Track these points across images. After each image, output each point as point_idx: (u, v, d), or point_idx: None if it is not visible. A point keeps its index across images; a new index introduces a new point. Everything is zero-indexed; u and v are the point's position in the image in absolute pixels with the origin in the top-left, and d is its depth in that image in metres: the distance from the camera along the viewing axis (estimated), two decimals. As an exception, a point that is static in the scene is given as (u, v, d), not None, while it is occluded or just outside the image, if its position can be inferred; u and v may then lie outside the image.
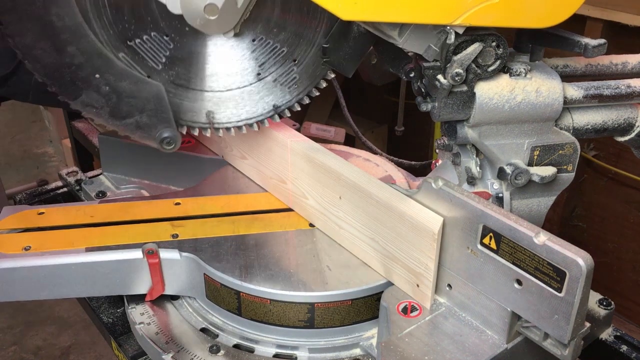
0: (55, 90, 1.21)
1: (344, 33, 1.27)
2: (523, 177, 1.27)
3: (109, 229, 1.38)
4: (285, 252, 1.33)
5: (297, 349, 1.25)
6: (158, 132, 1.28)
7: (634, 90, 1.31)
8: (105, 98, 1.23)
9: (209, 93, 1.34)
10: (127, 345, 1.36)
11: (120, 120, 1.26)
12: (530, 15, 1.12)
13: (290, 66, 1.34)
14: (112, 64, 1.22)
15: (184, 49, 1.29)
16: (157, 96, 1.26)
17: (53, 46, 1.17)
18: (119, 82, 1.23)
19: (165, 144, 1.28)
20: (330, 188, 1.31)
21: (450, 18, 1.11)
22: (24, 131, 5.22)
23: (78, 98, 1.22)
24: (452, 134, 1.29)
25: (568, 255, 0.93)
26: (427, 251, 1.13)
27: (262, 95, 1.36)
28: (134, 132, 1.28)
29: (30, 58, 1.17)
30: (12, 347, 3.19)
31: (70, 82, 1.21)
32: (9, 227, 1.38)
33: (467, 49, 1.17)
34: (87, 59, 1.20)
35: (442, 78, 1.20)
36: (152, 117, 1.27)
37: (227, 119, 1.36)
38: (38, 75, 1.19)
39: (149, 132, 1.28)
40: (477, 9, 1.10)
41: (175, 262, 1.30)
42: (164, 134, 1.28)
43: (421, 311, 1.17)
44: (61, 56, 1.18)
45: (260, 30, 1.30)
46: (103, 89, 1.23)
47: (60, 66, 1.19)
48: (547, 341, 1.04)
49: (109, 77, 1.22)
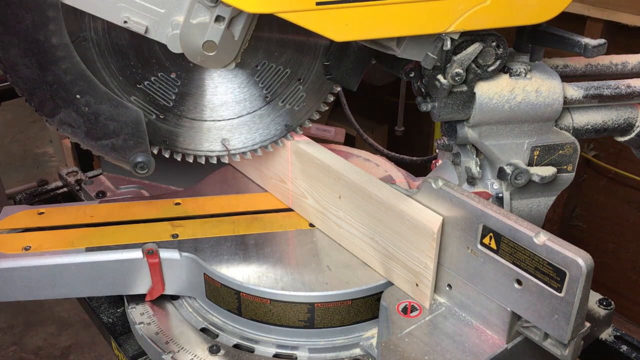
0: (34, 106, 1.22)
1: (343, 49, 1.28)
2: (523, 177, 1.27)
3: (109, 229, 1.38)
4: (286, 252, 1.33)
5: (297, 349, 1.25)
6: (132, 156, 1.30)
7: (634, 90, 1.31)
8: (83, 118, 1.25)
9: (221, 122, 1.38)
10: (127, 345, 1.36)
11: (96, 141, 1.27)
12: (523, 13, 1.13)
13: (296, 85, 1.37)
14: (94, 86, 1.23)
15: (191, 84, 1.33)
16: (135, 121, 1.27)
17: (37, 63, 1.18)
18: (99, 104, 1.24)
19: (139, 168, 1.30)
20: (330, 188, 1.31)
21: (443, 26, 1.12)
22: (24, 131, 5.22)
23: (56, 116, 1.23)
24: (452, 134, 1.29)
25: (568, 255, 0.93)
26: (426, 250, 1.13)
27: (273, 117, 1.39)
28: (108, 154, 1.30)
29: (12, 72, 1.17)
30: (12, 347, 3.19)
31: (50, 99, 1.22)
32: (9, 227, 1.38)
33: (467, 49, 1.17)
34: (72, 80, 1.21)
35: (442, 78, 1.20)
36: (129, 141, 1.28)
37: (243, 144, 1.40)
38: (18, 89, 1.20)
39: (124, 155, 1.30)
40: (468, 14, 1.11)
41: (175, 262, 1.30)
42: (137, 159, 1.29)
43: (421, 311, 1.17)
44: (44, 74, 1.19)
45: (261, 56, 1.33)
46: (82, 109, 1.24)
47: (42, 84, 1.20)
48: (547, 341, 1.04)
49: (90, 98, 1.23)
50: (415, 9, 1.09)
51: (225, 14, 1.16)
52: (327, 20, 1.09)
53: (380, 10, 1.09)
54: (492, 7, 1.10)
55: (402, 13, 1.10)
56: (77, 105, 1.23)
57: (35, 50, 1.16)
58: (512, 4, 1.11)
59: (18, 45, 1.15)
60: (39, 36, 1.15)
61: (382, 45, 1.18)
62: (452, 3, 1.09)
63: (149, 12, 1.16)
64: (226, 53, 1.21)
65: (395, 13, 1.10)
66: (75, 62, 1.19)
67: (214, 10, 1.15)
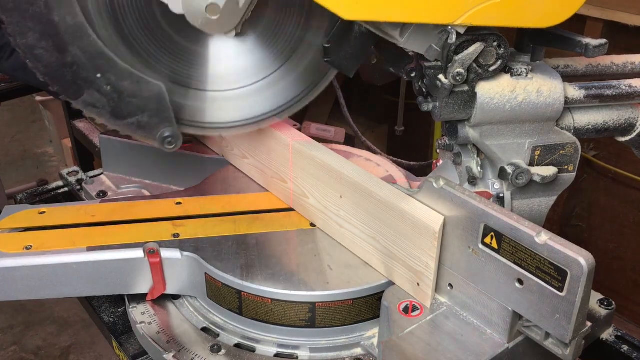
0: (57, 90, 1.21)
1: (345, 33, 1.27)
2: (524, 177, 1.27)
3: (110, 229, 1.38)
4: (287, 252, 1.33)
5: (298, 348, 1.25)
6: (159, 132, 1.28)
7: (635, 90, 1.31)
8: (107, 98, 1.23)
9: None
10: (128, 345, 1.36)
11: (122, 120, 1.26)
12: (532, 15, 1.12)
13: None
14: (114, 64, 1.22)
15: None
16: (158, 96, 1.26)
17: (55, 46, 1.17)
18: (121, 82, 1.23)
19: (167, 143, 1.29)
20: (331, 187, 1.31)
21: (452, 18, 1.11)
22: (24, 131, 5.22)
23: (80, 97, 1.22)
24: (453, 134, 1.29)
25: (569, 254, 0.93)
26: (428, 250, 1.13)
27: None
28: (135, 132, 1.28)
29: (31, 57, 1.17)
30: (12, 347, 3.19)
31: (71, 81, 1.20)
32: (10, 227, 1.38)
33: (468, 49, 1.17)
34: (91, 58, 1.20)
35: (444, 78, 1.20)
36: (154, 117, 1.27)
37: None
38: (40, 74, 1.19)
39: (151, 131, 1.28)
40: (478, 8, 1.10)
41: (177, 261, 1.30)
42: (165, 133, 1.28)
43: (422, 311, 1.17)
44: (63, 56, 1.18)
45: (261, 30, 1.31)
46: (104, 88, 1.23)
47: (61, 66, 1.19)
48: (549, 341, 1.04)
49: (111, 76, 1.22)
50: None
51: None
52: None
53: None
54: (502, 5, 1.10)
55: None
56: (99, 85, 1.22)
57: (52, 32, 1.14)
58: (523, 4, 1.11)
59: (34, 29, 1.13)
60: (54, 17, 1.13)
61: (386, 33, 1.17)
62: None
63: None
64: (228, 19, 1.20)
65: None
66: (92, 40, 1.18)
67: None
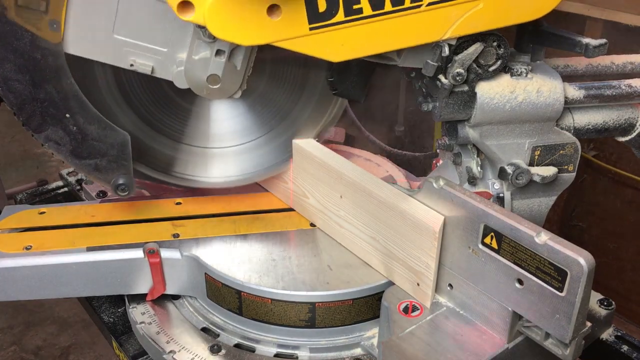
0: (22, 121, 1.21)
1: (345, 64, 1.28)
2: (524, 177, 1.27)
3: (110, 229, 1.38)
4: (287, 252, 1.33)
5: (298, 348, 1.25)
6: (115, 178, 1.30)
7: (635, 90, 1.31)
8: (70, 137, 1.24)
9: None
10: (128, 345, 1.35)
11: (80, 159, 1.27)
12: (517, 11, 1.13)
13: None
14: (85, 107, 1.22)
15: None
16: (121, 144, 1.28)
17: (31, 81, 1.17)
18: (88, 125, 1.24)
19: (120, 190, 1.30)
20: (331, 187, 1.31)
21: (439, 34, 1.13)
22: (23, 131, 5.15)
23: (43, 132, 1.23)
24: (453, 134, 1.29)
25: (569, 254, 0.93)
26: (427, 250, 1.13)
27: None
28: (90, 173, 1.29)
29: (4, 87, 1.16)
30: (12, 347, 3.18)
31: (39, 115, 1.21)
32: (10, 227, 1.38)
33: (468, 49, 1.17)
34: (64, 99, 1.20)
35: (443, 78, 1.20)
36: (112, 163, 1.29)
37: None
38: (8, 103, 1.19)
39: (106, 176, 1.30)
40: (463, 19, 1.12)
41: (176, 261, 1.30)
42: (119, 180, 1.30)
43: (422, 311, 1.17)
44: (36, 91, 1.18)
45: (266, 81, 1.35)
46: (70, 128, 1.23)
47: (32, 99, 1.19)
48: (548, 341, 1.04)
49: (79, 118, 1.23)
50: (409, 22, 1.12)
51: (225, 48, 1.19)
52: (322, 43, 1.12)
53: (374, 27, 1.11)
54: (485, 10, 1.11)
55: (397, 27, 1.12)
56: (66, 124, 1.23)
57: (31, 68, 1.15)
58: (505, 4, 1.11)
59: (13, 61, 1.14)
60: (36, 54, 1.14)
61: (383, 57, 1.19)
62: (446, 11, 1.11)
63: (153, 52, 1.20)
64: (230, 83, 1.24)
65: (390, 28, 1.12)
66: (69, 82, 1.19)
67: (213, 46, 1.18)
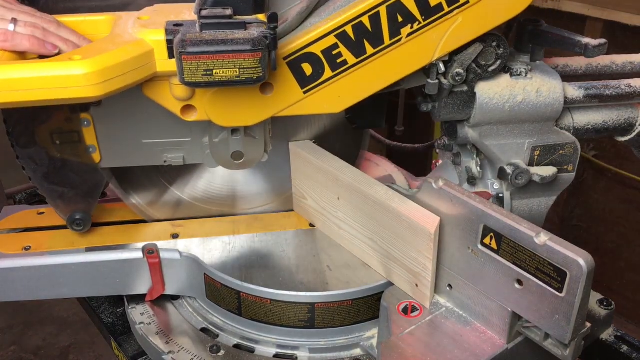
0: (10, 132, 1.21)
1: None
2: (524, 177, 1.27)
3: (109, 229, 1.38)
4: (286, 252, 1.33)
5: (297, 349, 1.25)
6: (73, 212, 1.30)
7: (634, 90, 1.31)
8: (50, 161, 1.25)
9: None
10: (127, 345, 1.35)
11: (48, 184, 1.27)
12: (496, 13, 1.14)
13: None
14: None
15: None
16: (96, 184, 1.30)
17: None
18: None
19: (75, 224, 1.31)
20: (329, 189, 1.31)
21: (428, 58, 1.16)
22: (23, 131, 5.20)
23: (27, 149, 1.23)
24: (452, 134, 1.29)
25: (569, 255, 0.93)
26: (424, 251, 1.13)
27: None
28: (52, 199, 1.29)
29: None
30: (12, 347, 3.18)
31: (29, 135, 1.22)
32: (9, 227, 1.38)
33: (467, 49, 1.17)
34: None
35: (443, 78, 1.20)
36: (78, 197, 1.29)
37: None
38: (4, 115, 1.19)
39: (67, 206, 1.30)
40: (446, 37, 1.13)
41: (176, 262, 1.30)
42: (77, 215, 1.30)
43: (422, 311, 1.17)
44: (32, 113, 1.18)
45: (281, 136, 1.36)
46: (55, 154, 1.24)
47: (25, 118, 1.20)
48: (548, 341, 1.03)
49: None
50: (395, 56, 1.14)
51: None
52: (320, 101, 1.16)
53: (363, 71, 1.14)
54: (465, 23, 1.13)
55: (385, 64, 1.14)
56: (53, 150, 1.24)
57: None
58: (483, 10, 1.12)
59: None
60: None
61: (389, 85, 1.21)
62: (427, 36, 1.13)
63: (179, 145, 1.27)
64: (254, 154, 1.27)
65: (378, 67, 1.14)
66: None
67: (228, 127, 1.21)
